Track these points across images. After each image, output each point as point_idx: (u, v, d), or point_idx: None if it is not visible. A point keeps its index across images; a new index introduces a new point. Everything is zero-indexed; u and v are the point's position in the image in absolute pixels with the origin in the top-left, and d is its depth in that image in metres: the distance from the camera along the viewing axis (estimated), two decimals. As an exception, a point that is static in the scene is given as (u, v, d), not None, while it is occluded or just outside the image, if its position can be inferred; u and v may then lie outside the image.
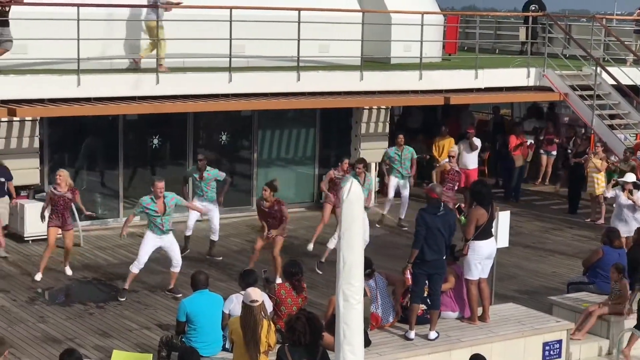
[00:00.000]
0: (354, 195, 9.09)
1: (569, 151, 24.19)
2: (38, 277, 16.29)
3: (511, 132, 24.61)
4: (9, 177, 17.97)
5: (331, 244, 16.96)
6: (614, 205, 18.42)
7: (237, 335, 10.67)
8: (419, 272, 12.82)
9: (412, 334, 12.79)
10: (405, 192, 20.80)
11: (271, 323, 10.92)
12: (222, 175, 17.96)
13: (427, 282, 12.92)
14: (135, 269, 15.55)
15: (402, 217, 20.88)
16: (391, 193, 20.66)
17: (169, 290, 15.72)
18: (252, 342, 10.44)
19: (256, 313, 10.46)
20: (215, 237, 18.05)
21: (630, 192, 17.95)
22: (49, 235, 16.34)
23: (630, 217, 17.83)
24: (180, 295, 15.25)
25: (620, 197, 18.04)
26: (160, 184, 15.62)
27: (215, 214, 17.94)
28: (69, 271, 16.62)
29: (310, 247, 18.20)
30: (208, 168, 17.87)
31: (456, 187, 20.31)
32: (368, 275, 12.92)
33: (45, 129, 19.30)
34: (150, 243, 15.58)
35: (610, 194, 18.89)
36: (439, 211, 12.88)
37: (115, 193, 20.28)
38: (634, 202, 17.86)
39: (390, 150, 20.81)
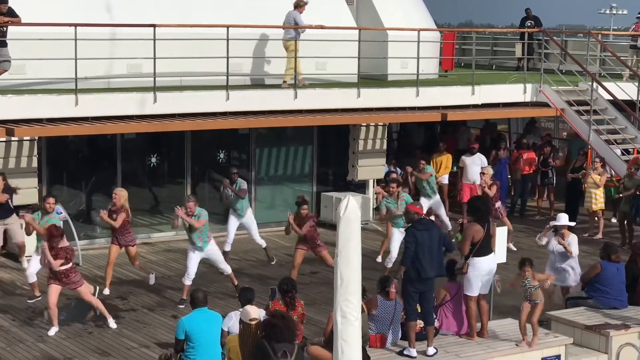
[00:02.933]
0: (351, 213, 9.13)
1: (550, 167, 24.15)
2: (106, 291, 16.58)
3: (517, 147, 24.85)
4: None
5: (388, 264, 17.79)
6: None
7: (235, 353, 10.71)
8: (412, 290, 12.82)
9: (413, 352, 12.78)
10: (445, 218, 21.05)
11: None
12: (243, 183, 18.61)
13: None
14: (187, 281, 16.15)
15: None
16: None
17: (235, 286, 16.14)
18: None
19: (254, 331, 10.50)
20: (262, 244, 18.92)
21: (562, 236, 15.57)
22: (110, 252, 16.79)
23: (561, 266, 15.54)
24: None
25: (551, 242, 15.66)
26: (189, 204, 16.14)
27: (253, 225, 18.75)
28: (106, 291, 16.68)
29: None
30: (238, 180, 18.48)
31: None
32: (388, 294, 12.97)
33: (44, 148, 19.34)
34: (194, 257, 16.24)
35: (543, 241, 15.89)
36: (425, 227, 12.94)
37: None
38: (564, 248, 15.46)
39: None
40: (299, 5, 20.68)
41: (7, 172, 18.11)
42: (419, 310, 12.97)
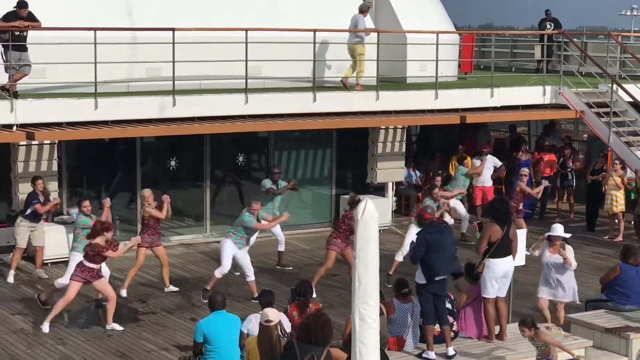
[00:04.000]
0: (369, 215, 9.14)
1: (569, 169, 24.10)
2: (123, 293, 16.72)
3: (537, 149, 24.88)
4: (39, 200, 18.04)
5: (399, 257, 17.71)
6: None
7: (254, 355, 10.71)
8: (426, 293, 12.83)
9: (432, 354, 12.77)
10: (462, 209, 21.23)
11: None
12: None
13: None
14: (218, 274, 16.41)
15: (464, 231, 21.26)
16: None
17: (254, 298, 15.91)
18: None
19: (272, 333, 10.48)
20: (282, 248, 19.00)
21: (563, 247, 15.03)
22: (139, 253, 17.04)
23: (557, 279, 14.94)
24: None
25: (545, 254, 15.01)
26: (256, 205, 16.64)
27: (278, 226, 18.72)
28: (124, 293, 16.83)
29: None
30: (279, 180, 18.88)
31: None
32: (405, 297, 12.97)
33: (64, 152, 19.44)
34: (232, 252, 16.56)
35: (537, 252, 15.11)
36: (438, 229, 12.95)
37: (134, 215, 20.36)
38: (564, 258, 14.85)
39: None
40: (363, 10, 21.37)
41: (28, 176, 18.20)
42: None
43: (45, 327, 14.98)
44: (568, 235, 15.17)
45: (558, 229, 15.16)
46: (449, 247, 12.98)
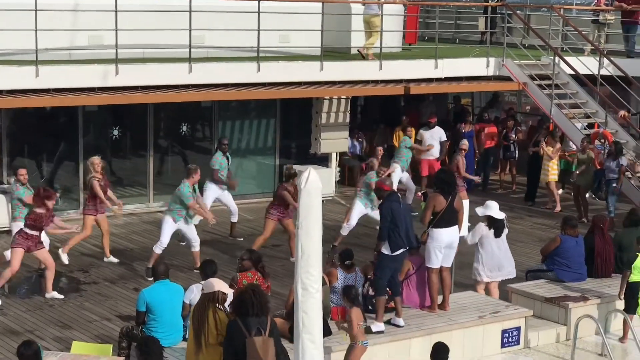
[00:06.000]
0: (312, 185, 9.15)
1: (512, 141, 24.33)
2: (64, 258, 16.61)
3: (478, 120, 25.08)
4: None
5: (344, 231, 17.98)
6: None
7: (191, 322, 10.59)
8: (387, 267, 12.81)
9: (382, 326, 12.75)
10: (409, 181, 21.41)
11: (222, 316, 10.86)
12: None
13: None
14: (158, 249, 16.31)
15: (410, 202, 21.06)
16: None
17: (196, 269, 15.74)
18: (197, 331, 10.30)
19: (204, 302, 10.39)
20: (235, 219, 19.03)
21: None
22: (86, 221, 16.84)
23: (504, 257, 14.82)
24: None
25: (488, 236, 14.64)
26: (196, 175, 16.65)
27: (230, 197, 18.98)
28: (65, 259, 16.69)
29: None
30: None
31: None
32: (348, 268, 12.99)
33: (4, 120, 19.19)
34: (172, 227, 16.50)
35: (476, 238, 14.70)
36: (397, 200, 13.01)
37: (76, 185, 20.19)
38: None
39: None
40: None
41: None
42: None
43: None
44: (503, 216, 14.83)
45: (493, 209, 14.68)
46: (409, 219, 13.02)
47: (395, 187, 18.18)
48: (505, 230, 14.92)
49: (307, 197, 9.13)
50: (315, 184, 9.14)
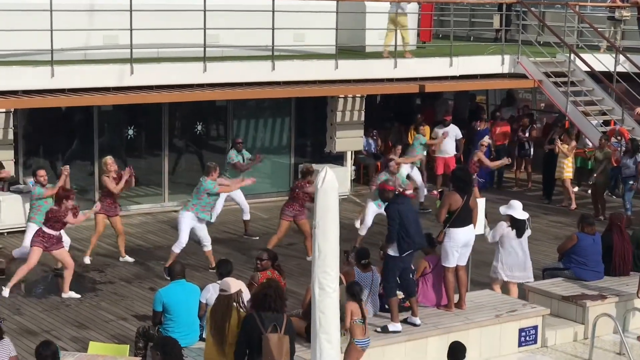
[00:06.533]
0: (329, 184, 9.11)
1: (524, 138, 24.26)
2: (87, 260, 16.71)
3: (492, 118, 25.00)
4: None
5: (362, 231, 18.02)
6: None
7: (208, 323, 10.59)
8: (396, 266, 12.76)
9: (398, 326, 12.67)
10: (418, 178, 21.18)
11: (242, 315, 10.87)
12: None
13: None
14: (177, 249, 16.27)
15: (422, 200, 21.24)
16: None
17: (212, 268, 15.82)
18: (218, 331, 10.32)
19: (225, 302, 10.39)
20: (247, 216, 18.96)
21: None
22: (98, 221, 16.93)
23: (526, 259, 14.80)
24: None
25: (508, 235, 14.59)
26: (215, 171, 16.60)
27: (241, 194, 18.91)
28: (87, 260, 16.81)
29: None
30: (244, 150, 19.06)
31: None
32: (365, 267, 12.95)
33: (20, 120, 19.21)
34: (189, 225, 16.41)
35: (497, 236, 14.66)
36: (403, 201, 12.97)
37: (91, 184, 20.22)
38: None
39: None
40: None
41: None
42: (399, 283, 12.95)
43: (6, 292, 14.96)
44: (526, 216, 14.77)
45: (516, 209, 14.64)
46: (416, 219, 12.98)
47: (402, 185, 18.24)
48: (528, 232, 14.85)
49: (324, 197, 9.09)
50: (332, 184, 9.11)
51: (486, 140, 21.26)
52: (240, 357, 10.00)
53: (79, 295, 15.15)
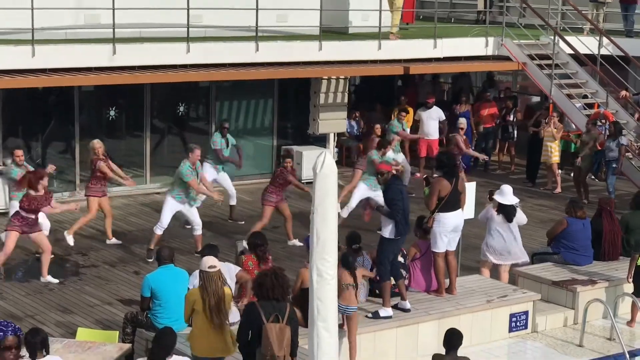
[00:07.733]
0: (328, 168, 8.92)
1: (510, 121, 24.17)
2: (70, 239, 16.37)
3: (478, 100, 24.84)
4: None
5: (344, 213, 17.53)
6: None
7: (199, 304, 10.39)
8: (388, 250, 12.65)
9: (390, 311, 12.58)
10: (405, 163, 20.80)
11: (229, 291, 10.75)
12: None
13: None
14: (159, 230, 16.05)
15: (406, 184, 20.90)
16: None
17: (197, 252, 15.33)
18: (215, 308, 10.22)
19: (216, 279, 10.26)
20: (234, 201, 18.79)
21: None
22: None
23: (513, 242, 14.64)
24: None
25: (495, 218, 14.54)
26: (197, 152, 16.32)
27: (228, 179, 18.79)
28: (70, 240, 16.47)
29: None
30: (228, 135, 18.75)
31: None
32: (356, 252, 12.77)
33: (0, 100, 18.90)
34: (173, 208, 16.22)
35: (481, 214, 14.79)
36: (401, 182, 12.88)
37: (72, 166, 19.94)
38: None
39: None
40: None
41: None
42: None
43: None
44: (515, 201, 14.67)
45: (505, 194, 14.58)
46: (409, 203, 12.89)
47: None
48: (522, 217, 14.74)
49: (323, 182, 8.89)
50: (332, 167, 8.92)
51: (463, 122, 21.10)
52: (242, 345, 9.94)
53: (57, 280, 14.88)
